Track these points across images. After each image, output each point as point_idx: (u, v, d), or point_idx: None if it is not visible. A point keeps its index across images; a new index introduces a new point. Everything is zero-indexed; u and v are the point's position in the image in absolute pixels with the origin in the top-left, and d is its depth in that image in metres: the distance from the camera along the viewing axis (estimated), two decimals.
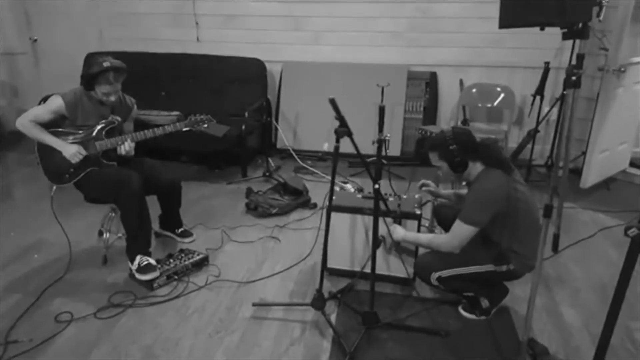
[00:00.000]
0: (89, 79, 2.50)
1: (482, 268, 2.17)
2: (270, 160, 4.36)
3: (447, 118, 4.77)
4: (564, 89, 3.29)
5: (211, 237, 3.10)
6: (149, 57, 4.79)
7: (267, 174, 4.16)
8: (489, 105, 4.49)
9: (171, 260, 2.68)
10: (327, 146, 4.42)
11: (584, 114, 4.15)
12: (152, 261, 2.58)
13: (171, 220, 3.04)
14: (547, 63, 3.87)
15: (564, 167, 2.83)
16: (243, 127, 4.07)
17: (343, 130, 2.09)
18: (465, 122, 4.61)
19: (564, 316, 2.38)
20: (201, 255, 2.76)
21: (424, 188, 2.59)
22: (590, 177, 3.89)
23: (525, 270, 2.19)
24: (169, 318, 2.32)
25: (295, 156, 4.58)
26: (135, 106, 2.83)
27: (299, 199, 3.63)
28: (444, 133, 2.16)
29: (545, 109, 4.04)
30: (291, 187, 3.67)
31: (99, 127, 2.59)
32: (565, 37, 1.65)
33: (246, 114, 4.13)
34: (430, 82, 4.65)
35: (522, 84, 4.41)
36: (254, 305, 2.40)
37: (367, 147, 2.49)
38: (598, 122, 3.73)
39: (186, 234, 3.07)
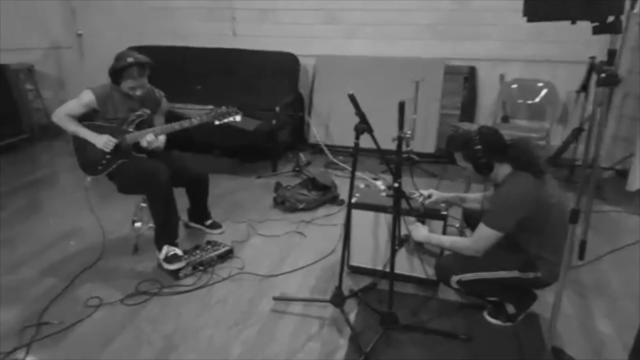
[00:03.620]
0: (115, 74, 2.58)
1: (506, 274, 2.06)
2: (301, 155, 4.37)
3: (485, 115, 4.60)
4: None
5: (238, 230, 3.14)
6: (186, 52, 4.91)
7: (297, 168, 4.17)
8: (531, 101, 4.29)
9: (197, 252, 2.74)
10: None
11: (632, 112, 3.89)
12: (179, 251, 2.64)
13: (199, 212, 3.10)
14: (592, 58, 3.64)
15: (592, 168, 2.64)
16: (274, 121, 4.09)
17: (363, 126, 2.05)
18: (505, 119, 4.43)
19: (597, 326, 2.25)
20: (226, 248, 2.80)
21: (426, 202, 2.44)
22: (638, 179, 3.64)
23: (554, 279, 2.05)
24: (192, 308, 2.37)
25: (327, 151, 4.57)
26: (164, 99, 2.89)
27: (327, 194, 3.61)
28: (469, 132, 2.06)
29: (590, 106, 3.81)
30: (319, 182, 3.66)
31: (129, 119, 2.67)
32: (595, 31, 1.53)
33: (277, 109, 4.15)
34: (469, 76, 4.50)
35: (567, 80, 4.18)
36: (274, 299, 2.42)
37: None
38: None
39: (215, 225, 3.13)
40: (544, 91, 4.22)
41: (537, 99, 4.26)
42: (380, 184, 3.58)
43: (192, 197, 3.02)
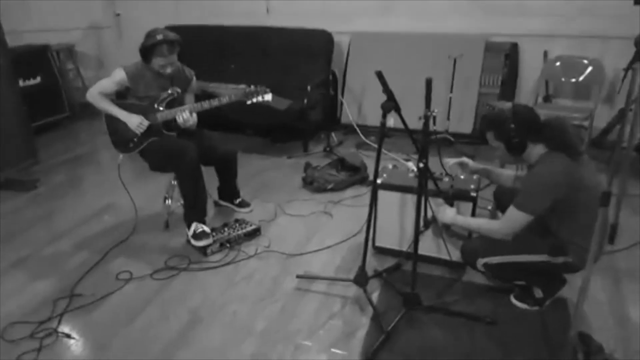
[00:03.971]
0: (145, 52, 2.61)
1: (534, 257, 1.98)
2: (333, 135, 4.32)
3: (527, 93, 4.37)
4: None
5: (266, 209, 3.16)
6: (220, 30, 4.92)
7: (328, 149, 4.14)
8: (575, 80, 4.04)
9: (225, 229, 2.78)
10: (392, 122, 4.28)
11: None
12: (207, 229, 2.69)
13: (228, 190, 3.13)
14: None
15: (626, 149, 2.46)
16: (305, 100, 4.05)
17: (390, 104, 1.98)
18: (547, 98, 4.21)
19: (630, 314, 2.14)
20: (254, 226, 2.83)
21: (452, 161, 2.39)
22: None
23: (584, 264, 1.93)
24: (218, 283, 2.42)
25: (359, 131, 4.49)
26: (194, 78, 2.91)
27: (356, 175, 3.57)
28: (503, 110, 1.95)
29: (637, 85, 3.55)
30: (348, 163, 3.62)
31: (160, 98, 2.71)
32: (637, 2, 1.40)
33: (309, 88, 4.10)
34: (511, 53, 4.27)
35: (616, 57, 3.89)
36: (298, 277, 2.43)
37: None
38: None
39: (244, 204, 3.16)
40: (590, 69, 3.96)
41: (582, 78, 4.00)
42: (411, 165, 3.50)
43: (220, 176, 3.05)
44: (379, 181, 2.46)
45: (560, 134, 1.92)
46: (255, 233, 2.82)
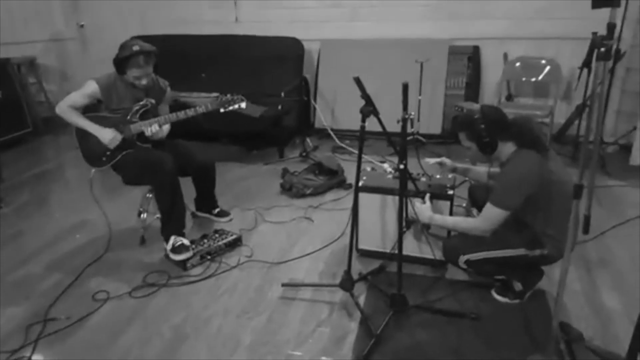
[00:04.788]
0: (120, 63, 2.55)
1: (513, 252, 2.06)
2: (308, 140, 4.34)
3: (490, 94, 4.53)
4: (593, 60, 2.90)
5: (245, 218, 3.13)
6: (189, 39, 4.88)
7: (304, 154, 4.14)
8: (534, 79, 4.22)
9: (205, 241, 2.73)
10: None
11: (635, 86, 3.81)
12: (186, 241, 2.63)
13: (207, 201, 3.08)
14: (594, 34, 3.53)
15: (594, 144, 2.59)
16: (279, 107, 4.05)
17: (368, 109, 2.02)
18: (509, 97, 4.37)
19: (605, 301, 2.24)
20: (234, 236, 2.79)
21: (432, 161, 2.49)
22: None
23: (560, 255, 2.05)
24: (200, 298, 2.36)
25: (334, 136, 4.52)
26: (168, 88, 2.86)
27: (334, 179, 3.58)
28: (472, 112, 2.03)
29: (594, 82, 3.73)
30: (326, 167, 3.63)
31: (133, 110, 2.64)
32: (594, 5, 1.49)
33: (282, 94, 4.10)
34: (473, 56, 4.43)
35: (570, 57, 4.09)
36: (283, 285, 2.41)
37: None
38: None
39: (222, 214, 3.12)
40: (548, 68, 4.15)
41: (541, 77, 4.19)
42: (387, 167, 3.55)
43: (198, 186, 3.00)
44: (359, 184, 2.47)
45: (528, 132, 2.02)
46: (236, 243, 2.79)
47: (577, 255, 2.57)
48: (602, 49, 1.75)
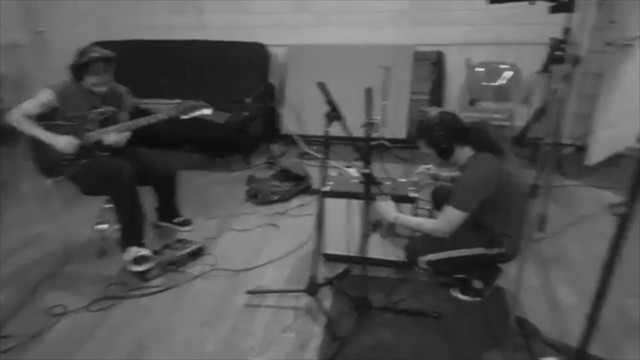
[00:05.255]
0: (78, 70, 2.48)
1: (472, 251, 2.10)
2: (274, 146, 4.32)
3: (454, 98, 4.62)
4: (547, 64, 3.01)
5: (210, 226, 3.08)
6: (152, 45, 4.78)
7: (270, 160, 4.12)
8: (496, 84, 4.33)
9: (167, 251, 2.67)
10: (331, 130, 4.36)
11: (591, 90, 3.97)
12: (146, 252, 2.57)
13: (168, 210, 3.02)
14: (552, 39, 3.68)
15: (551, 146, 2.70)
16: (245, 113, 4.02)
17: (333, 114, 2.03)
18: (472, 102, 4.46)
19: (560, 296, 2.32)
20: (198, 245, 2.74)
21: (420, 169, 2.52)
22: (596, 154, 3.75)
23: (517, 253, 2.12)
24: (163, 309, 2.31)
25: (300, 142, 4.52)
26: (128, 95, 2.80)
27: (300, 185, 3.58)
28: (430, 119, 2.07)
29: (553, 86, 3.87)
30: (292, 173, 3.62)
31: (91, 117, 2.57)
32: (551, 10, 1.55)
33: (248, 100, 4.08)
34: (437, 62, 4.50)
35: (531, 62, 4.21)
36: (248, 293, 2.38)
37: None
38: (604, 98, 3.57)
39: (185, 223, 3.06)
40: (509, 73, 4.27)
41: (502, 82, 4.30)
42: (353, 172, 3.57)
43: (159, 195, 2.94)
44: (325, 189, 2.49)
45: (484, 136, 2.08)
46: (200, 252, 2.74)
47: (535, 252, 2.64)
48: (558, 53, 1.82)
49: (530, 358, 1.86)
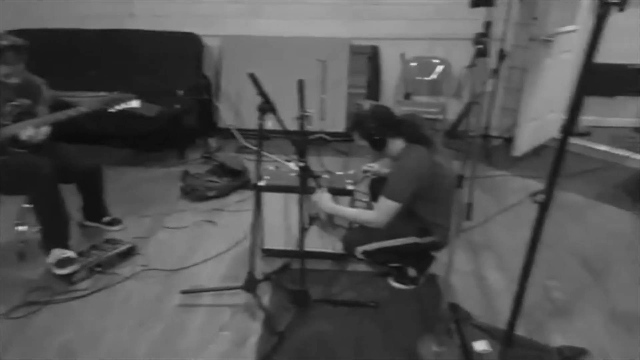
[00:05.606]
0: None
1: (406, 240, 2.17)
2: (210, 140, 4.20)
3: (390, 92, 4.72)
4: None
5: (142, 225, 2.95)
6: (78, 34, 4.48)
7: (206, 155, 4.01)
8: (429, 78, 4.48)
9: (94, 252, 2.53)
10: (271, 124, 4.31)
11: (517, 84, 4.21)
12: (71, 254, 2.41)
13: (95, 209, 2.85)
14: (477, 34, 3.85)
15: (474, 137, 2.85)
16: (177, 106, 3.87)
17: (266, 106, 2.00)
18: (407, 96, 4.59)
19: (489, 281, 2.44)
20: (128, 245, 2.61)
21: (366, 172, 2.57)
22: (522, 145, 4.00)
23: (448, 241, 2.21)
24: (91, 313, 2.19)
25: (238, 135, 4.43)
26: (45, 87, 2.60)
27: (238, 179, 3.50)
28: (362, 112, 2.11)
29: (481, 80, 4.05)
30: (230, 167, 3.54)
31: (3, 111, 2.36)
32: (472, 4, 1.61)
33: (180, 92, 3.93)
34: (373, 56, 4.58)
35: (461, 56, 4.38)
36: (182, 292, 2.30)
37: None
38: (528, 92, 3.80)
39: (114, 222, 2.90)
40: (440, 68, 4.42)
41: (434, 76, 4.45)
42: (292, 165, 3.55)
43: (84, 193, 2.77)
44: (262, 183, 2.45)
45: (415, 128, 2.14)
46: (130, 252, 2.61)
47: (465, 240, 2.78)
48: (480, 46, 1.90)
49: (462, 342, 1.94)
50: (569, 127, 1.27)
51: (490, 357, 1.86)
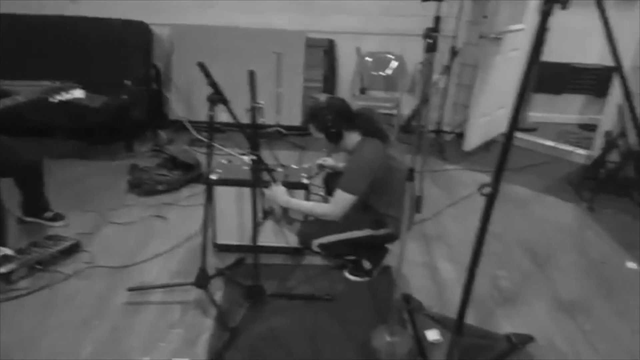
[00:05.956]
0: None
1: (360, 233, 2.18)
2: (161, 133, 4.06)
3: (346, 86, 4.74)
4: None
5: (87, 221, 2.80)
6: (15, 20, 4.17)
7: (156, 148, 3.86)
8: (384, 73, 4.53)
9: (34, 249, 2.38)
10: (225, 116, 4.21)
11: (469, 80, 4.33)
12: (8, 251, 2.26)
13: (35, 204, 2.68)
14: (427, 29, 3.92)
15: (423, 131, 2.92)
16: (125, 96, 3.70)
17: (216, 97, 1.94)
18: (362, 90, 4.62)
19: (441, 271, 2.50)
20: (71, 241, 2.48)
21: (321, 166, 2.57)
22: (472, 140, 4.13)
23: (401, 233, 2.22)
24: (30, 313, 2.05)
25: (190, 127, 4.30)
26: None
27: (190, 173, 3.40)
28: (318, 104, 2.09)
29: (434, 77, 4.14)
30: (181, 161, 3.43)
31: None
32: None
33: (128, 83, 3.76)
34: (329, 50, 4.57)
35: (415, 53, 4.47)
36: (129, 290, 2.20)
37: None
38: (478, 88, 3.92)
39: (56, 217, 2.75)
40: (395, 63, 4.48)
41: (389, 71, 4.50)
42: (246, 159, 3.48)
43: (23, 188, 2.59)
44: (214, 177, 2.39)
45: (371, 122, 2.15)
46: (74, 249, 2.47)
47: (419, 232, 2.83)
48: (430, 41, 1.92)
49: (415, 332, 1.97)
50: (514, 123, 1.30)
51: (442, 346, 1.90)
